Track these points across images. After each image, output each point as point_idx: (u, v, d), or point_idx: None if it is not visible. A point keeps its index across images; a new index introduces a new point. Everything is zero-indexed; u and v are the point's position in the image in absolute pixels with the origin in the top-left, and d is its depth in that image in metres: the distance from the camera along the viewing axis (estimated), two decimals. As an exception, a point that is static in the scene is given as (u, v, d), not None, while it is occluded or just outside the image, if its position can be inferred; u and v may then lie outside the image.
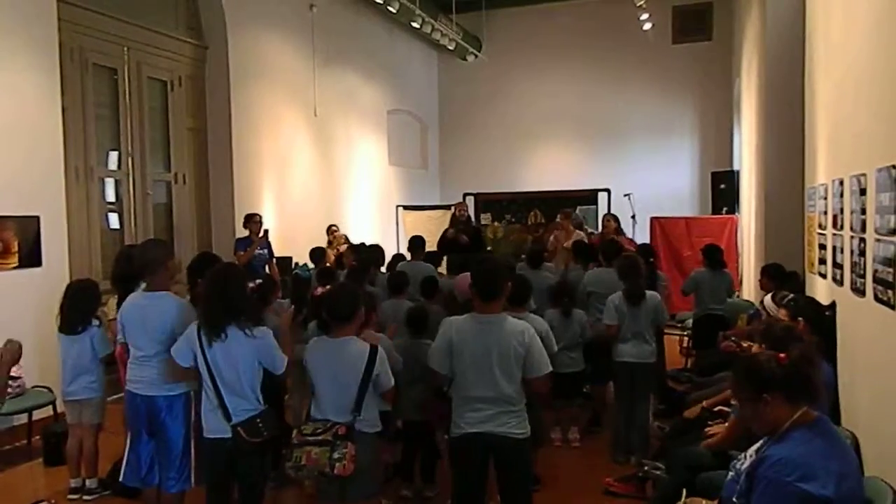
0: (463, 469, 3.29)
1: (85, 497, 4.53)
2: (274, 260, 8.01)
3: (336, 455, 3.07)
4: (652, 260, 6.45)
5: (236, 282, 3.37)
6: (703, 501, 2.75)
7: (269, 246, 7.90)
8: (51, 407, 5.50)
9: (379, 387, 3.23)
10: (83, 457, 4.57)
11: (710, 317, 6.49)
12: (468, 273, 4.28)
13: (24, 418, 5.49)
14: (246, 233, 7.80)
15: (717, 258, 6.67)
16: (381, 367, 3.23)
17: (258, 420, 3.29)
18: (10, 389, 5.32)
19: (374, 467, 3.32)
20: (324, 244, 8.73)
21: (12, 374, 5.39)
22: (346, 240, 9.23)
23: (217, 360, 3.25)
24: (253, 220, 7.79)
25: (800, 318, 3.80)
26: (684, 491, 2.88)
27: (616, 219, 8.50)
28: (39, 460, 5.23)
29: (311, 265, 7.80)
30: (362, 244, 7.73)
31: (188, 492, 3.76)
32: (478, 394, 3.15)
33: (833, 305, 4.05)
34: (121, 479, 3.94)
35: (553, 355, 4.34)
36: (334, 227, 9.46)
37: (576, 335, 5.30)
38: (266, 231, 7.83)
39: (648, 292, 5.08)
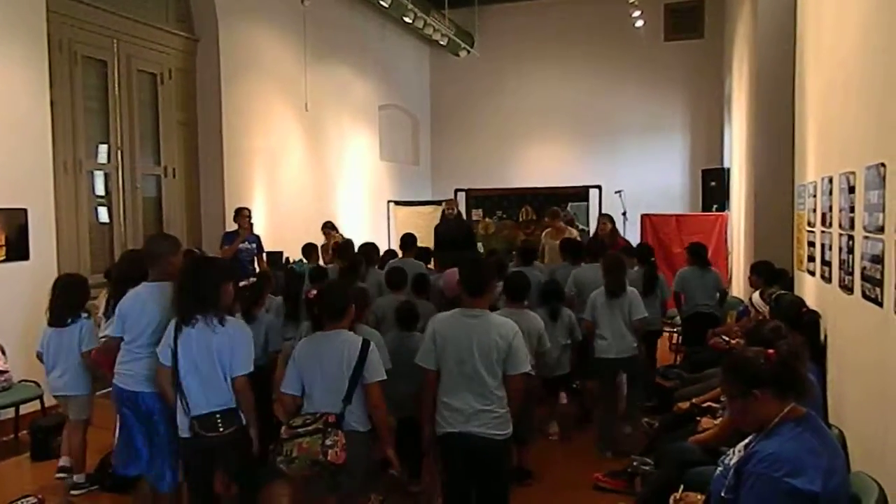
0: (449, 465, 3.32)
1: (73, 492, 4.50)
2: (263, 255, 7.97)
3: (328, 442, 3.07)
4: (653, 259, 6.48)
5: (207, 274, 3.35)
6: (698, 496, 2.75)
7: (257, 240, 7.85)
8: (38, 401, 5.46)
9: (366, 377, 3.21)
10: (71, 452, 4.54)
11: (700, 314, 6.51)
12: (456, 269, 4.31)
13: (10, 412, 5.44)
14: (235, 227, 7.77)
15: (703, 255, 6.71)
16: (373, 359, 3.23)
17: (217, 416, 3.27)
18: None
19: (363, 464, 3.31)
20: (314, 239, 8.64)
21: (-1, 368, 5.37)
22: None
23: (192, 352, 3.24)
24: (241, 215, 7.72)
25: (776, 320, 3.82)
26: (682, 487, 2.89)
27: (611, 219, 8.50)
28: (26, 455, 5.20)
29: (304, 261, 7.76)
30: (350, 242, 7.59)
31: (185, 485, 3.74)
32: (460, 390, 3.17)
33: (816, 313, 4.09)
34: (112, 469, 3.94)
35: (544, 353, 4.41)
36: (331, 228, 9.06)
37: (563, 336, 5.28)
38: (251, 224, 7.75)
39: (629, 288, 5.13)
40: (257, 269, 7.47)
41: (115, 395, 3.75)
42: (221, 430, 3.26)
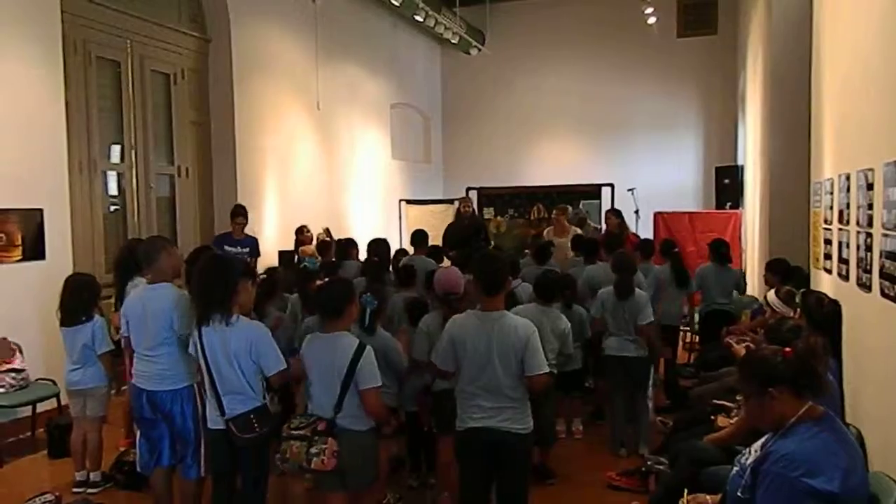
0: (467, 462, 3.31)
1: (89, 490, 4.53)
2: (258, 259, 7.62)
3: (313, 450, 3.06)
4: (676, 251, 6.52)
5: (214, 275, 3.32)
6: (708, 497, 2.73)
7: (252, 244, 7.56)
8: (55, 399, 5.50)
9: (359, 383, 3.13)
10: (87, 450, 4.57)
11: (716, 312, 6.47)
12: (453, 268, 4.34)
13: (28, 410, 5.49)
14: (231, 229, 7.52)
15: (724, 253, 6.65)
16: (365, 364, 3.14)
17: (251, 416, 3.26)
18: (13, 381, 5.35)
19: (366, 463, 3.27)
20: (321, 238, 8.62)
21: (16, 366, 5.42)
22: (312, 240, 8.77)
23: (216, 354, 3.25)
24: (237, 214, 7.48)
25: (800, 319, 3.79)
26: (685, 491, 2.87)
27: (617, 213, 8.45)
28: (44, 452, 5.25)
29: (318, 258, 7.73)
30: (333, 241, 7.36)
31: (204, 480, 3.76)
32: (479, 389, 3.16)
33: (837, 303, 4.03)
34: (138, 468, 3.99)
35: (569, 356, 4.43)
36: (307, 230, 8.82)
37: (575, 331, 5.26)
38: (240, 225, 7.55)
39: (637, 290, 5.10)
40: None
41: (134, 394, 3.78)
42: (258, 430, 3.26)
